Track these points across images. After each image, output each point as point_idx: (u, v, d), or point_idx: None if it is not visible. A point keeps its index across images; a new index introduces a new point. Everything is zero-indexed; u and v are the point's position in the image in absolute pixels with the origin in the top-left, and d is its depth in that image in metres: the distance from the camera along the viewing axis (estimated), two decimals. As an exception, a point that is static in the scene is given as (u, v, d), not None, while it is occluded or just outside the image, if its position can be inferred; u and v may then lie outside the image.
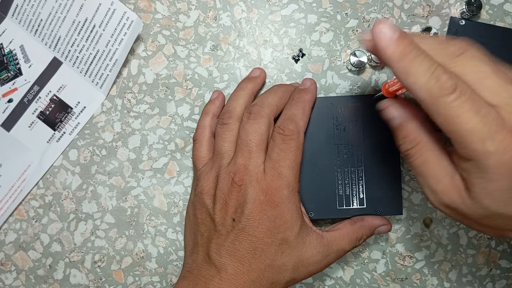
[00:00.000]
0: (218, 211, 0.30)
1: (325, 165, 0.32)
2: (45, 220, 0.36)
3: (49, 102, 0.36)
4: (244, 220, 0.29)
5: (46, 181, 0.36)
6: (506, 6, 0.35)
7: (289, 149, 0.29)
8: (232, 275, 0.28)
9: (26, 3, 0.35)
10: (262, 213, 0.29)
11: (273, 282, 0.29)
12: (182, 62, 0.36)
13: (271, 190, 0.29)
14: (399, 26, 0.35)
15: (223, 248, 0.29)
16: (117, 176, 0.36)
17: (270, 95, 0.31)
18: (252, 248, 0.29)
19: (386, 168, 0.32)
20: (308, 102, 0.31)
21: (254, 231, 0.29)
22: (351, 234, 0.31)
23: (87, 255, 0.36)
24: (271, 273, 0.29)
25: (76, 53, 0.35)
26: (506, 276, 0.36)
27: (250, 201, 0.29)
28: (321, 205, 0.32)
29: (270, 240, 0.29)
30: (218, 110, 0.34)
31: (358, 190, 0.32)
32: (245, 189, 0.29)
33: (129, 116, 0.36)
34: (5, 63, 0.36)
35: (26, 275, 0.36)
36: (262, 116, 0.30)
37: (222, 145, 0.31)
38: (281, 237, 0.29)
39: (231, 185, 0.29)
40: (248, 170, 0.29)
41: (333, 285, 0.36)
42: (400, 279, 0.36)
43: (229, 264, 0.28)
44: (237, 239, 0.29)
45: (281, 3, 0.36)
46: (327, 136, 0.33)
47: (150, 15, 0.36)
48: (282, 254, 0.29)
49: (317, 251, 0.29)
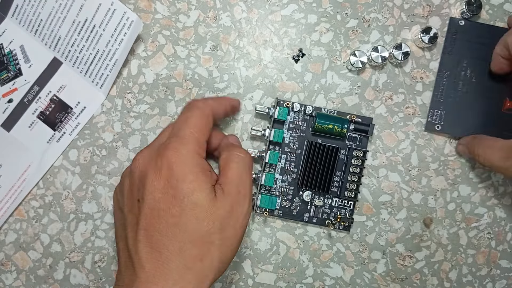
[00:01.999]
0: (125, 199, 0.28)
1: None
2: (45, 220, 0.36)
3: (49, 102, 0.36)
4: (146, 194, 0.25)
5: (46, 181, 0.36)
6: (506, 6, 0.35)
7: (190, 116, 0.28)
8: (151, 270, 0.24)
9: (26, 3, 0.35)
10: (162, 180, 0.25)
11: (203, 258, 0.25)
12: (182, 62, 0.36)
13: (167, 151, 0.26)
14: (399, 26, 0.35)
15: (137, 240, 0.25)
16: (117, 176, 0.36)
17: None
18: (164, 227, 0.25)
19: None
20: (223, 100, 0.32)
21: (159, 204, 0.25)
22: (234, 160, 0.29)
23: (87, 255, 0.36)
24: (196, 248, 0.25)
25: (76, 53, 0.35)
26: (506, 276, 0.36)
27: (149, 172, 0.26)
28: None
29: (179, 209, 0.25)
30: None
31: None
32: (142, 162, 0.27)
33: (129, 116, 0.36)
34: (5, 63, 0.36)
35: (26, 275, 0.36)
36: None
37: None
38: (189, 201, 0.25)
39: (131, 169, 0.28)
40: (149, 147, 0.28)
41: (333, 285, 0.36)
42: (400, 279, 0.36)
43: (146, 259, 0.25)
44: (146, 221, 0.25)
45: (281, 3, 0.36)
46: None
47: (150, 15, 0.36)
48: (198, 220, 0.25)
49: (236, 198, 0.27)
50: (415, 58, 0.35)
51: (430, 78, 0.35)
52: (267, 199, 0.34)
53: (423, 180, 0.36)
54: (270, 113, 0.34)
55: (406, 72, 0.36)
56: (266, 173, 0.33)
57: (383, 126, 0.36)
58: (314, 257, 0.36)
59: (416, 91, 0.36)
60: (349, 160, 0.34)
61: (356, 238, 0.36)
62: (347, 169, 0.34)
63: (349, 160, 0.34)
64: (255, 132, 0.33)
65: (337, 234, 0.36)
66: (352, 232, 0.36)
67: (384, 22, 0.36)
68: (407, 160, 0.36)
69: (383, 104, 0.36)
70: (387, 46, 0.35)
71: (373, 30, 0.36)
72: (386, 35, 0.36)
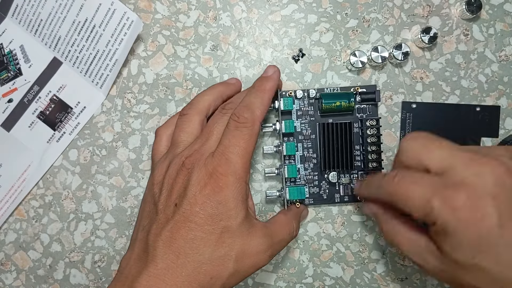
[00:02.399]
0: (163, 197, 0.28)
1: None
2: (45, 220, 0.36)
3: (49, 102, 0.36)
4: (185, 203, 0.27)
5: (46, 181, 0.36)
6: (506, 6, 0.35)
7: (241, 136, 0.28)
8: (163, 269, 0.26)
9: (26, 3, 0.35)
10: (205, 197, 0.27)
11: (213, 276, 0.26)
12: (182, 62, 0.36)
13: (216, 174, 0.27)
14: (399, 26, 0.35)
15: (159, 238, 0.26)
16: (117, 176, 0.36)
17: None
18: (191, 237, 0.26)
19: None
20: (269, 91, 0.30)
21: (194, 217, 0.26)
22: (289, 223, 0.31)
23: (87, 255, 0.36)
24: (211, 265, 0.26)
25: (76, 53, 0.35)
26: (506, 276, 0.36)
27: (193, 184, 0.27)
28: None
29: (211, 228, 0.26)
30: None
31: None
32: (191, 172, 0.27)
33: (129, 116, 0.36)
34: (5, 63, 0.36)
35: (26, 275, 0.36)
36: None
37: (178, 135, 0.31)
38: (223, 225, 0.27)
39: (180, 168, 0.28)
40: (199, 154, 0.28)
41: (333, 285, 0.36)
42: (400, 279, 0.36)
43: (161, 257, 0.26)
44: (175, 227, 0.26)
45: (281, 3, 0.36)
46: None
47: (150, 15, 0.36)
48: (223, 244, 0.27)
49: (262, 240, 0.28)
50: (415, 58, 0.35)
51: (430, 78, 0.35)
52: (295, 190, 0.33)
53: (423, 180, 0.36)
54: (275, 106, 0.33)
55: (406, 72, 0.36)
56: (287, 166, 0.33)
57: (383, 126, 0.36)
58: (314, 257, 0.36)
59: (416, 91, 0.36)
60: (364, 131, 0.34)
61: (356, 238, 0.36)
62: (365, 141, 0.34)
63: (364, 131, 0.34)
64: (266, 128, 0.33)
65: (337, 234, 0.36)
66: (352, 232, 0.36)
67: (384, 22, 0.36)
68: (407, 160, 0.36)
69: (383, 104, 0.36)
70: (387, 46, 0.35)
71: (373, 30, 0.36)
72: (386, 35, 0.36)
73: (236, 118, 0.28)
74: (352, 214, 0.36)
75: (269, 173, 0.34)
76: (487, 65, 0.35)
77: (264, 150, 0.33)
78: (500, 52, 0.35)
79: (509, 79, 0.35)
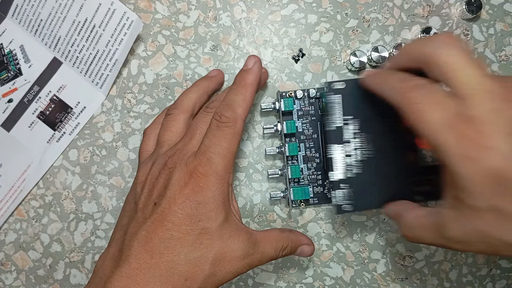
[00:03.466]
0: (143, 196, 0.28)
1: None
2: (45, 220, 0.36)
3: (49, 102, 0.36)
4: (164, 203, 0.26)
5: (46, 181, 0.36)
6: (506, 6, 0.35)
7: (222, 136, 0.27)
8: (135, 269, 0.25)
9: (26, 3, 0.35)
10: (184, 197, 0.26)
11: (188, 278, 0.26)
12: (182, 62, 0.36)
13: (197, 173, 0.26)
14: (399, 26, 0.35)
15: (135, 237, 0.26)
16: (117, 176, 0.36)
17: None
18: (167, 237, 0.26)
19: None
20: (250, 86, 0.29)
21: (173, 217, 0.26)
22: (278, 241, 0.29)
23: (87, 255, 0.36)
24: (186, 267, 0.26)
25: (76, 53, 0.35)
26: (506, 276, 0.36)
27: (174, 183, 0.27)
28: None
29: (189, 228, 0.26)
30: None
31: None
32: (173, 171, 0.27)
33: (129, 116, 0.36)
34: (5, 63, 0.36)
35: (26, 275, 0.36)
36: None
37: (162, 135, 0.31)
38: (202, 226, 0.26)
39: (162, 168, 0.28)
40: (182, 154, 0.28)
41: (333, 285, 0.36)
42: (400, 279, 0.36)
43: (135, 256, 0.25)
44: (152, 226, 0.26)
45: (281, 3, 0.36)
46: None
47: (150, 15, 0.36)
48: (201, 245, 0.26)
49: (243, 245, 0.27)
50: (415, 58, 0.35)
51: (430, 78, 0.35)
52: (299, 190, 0.33)
53: (423, 180, 0.36)
54: (276, 107, 0.34)
55: (406, 72, 0.36)
56: (290, 166, 0.33)
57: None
58: (314, 257, 0.36)
59: (416, 91, 0.35)
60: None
61: (356, 238, 0.36)
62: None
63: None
64: (268, 130, 0.33)
65: (337, 234, 0.36)
66: (352, 232, 0.36)
67: (384, 22, 0.36)
68: (407, 160, 0.36)
69: (383, 104, 0.36)
70: (387, 46, 0.35)
71: (373, 30, 0.36)
72: (386, 35, 0.36)
73: (218, 118, 0.28)
74: (352, 214, 0.36)
75: (272, 175, 0.34)
76: (487, 65, 0.35)
77: (267, 151, 0.34)
78: (500, 52, 0.35)
79: (509, 79, 0.35)
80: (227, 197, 0.28)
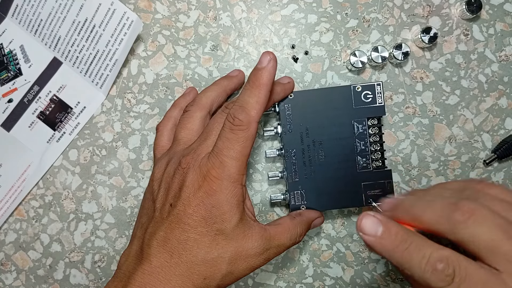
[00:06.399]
0: (160, 196, 0.28)
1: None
2: (45, 220, 0.36)
3: (49, 102, 0.36)
4: (180, 205, 0.27)
5: (46, 181, 0.36)
6: (506, 6, 0.35)
7: (235, 139, 0.27)
8: (157, 267, 0.26)
9: (26, 3, 0.35)
10: (198, 199, 0.27)
11: (207, 277, 0.27)
12: (182, 62, 0.36)
13: (210, 177, 0.27)
14: (399, 26, 0.35)
15: (154, 237, 0.27)
16: (117, 176, 0.36)
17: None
18: (184, 238, 0.26)
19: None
20: (264, 87, 0.27)
21: (188, 219, 0.27)
22: (292, 229, 0.30)
23: (87, 255, 0.36)
24: (204, 266, 0.26)
25: (76, 53, 0.35)
26: (506, 276, 0.36)
27: (188, 185, 0.27)
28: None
29: (205, 230, 0.27)
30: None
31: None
32: (187, 172, 0.27)
33: (129, 116, 0.36)
34: (5, 63, 0.36)
35: (26, 275, 0.36)
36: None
37: (179, 132, 0.31)
38: (217, 227, 0.27)
39: (177, 168, 0.28)
40: (196, 154, 0.28)
41: (333, 285, 0.36)
42: (400, 279, 0.36)
43: (155, 255, 0.26)
44: (169, 227, 0.27)
45: (281, 3, 0.36)
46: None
47: (150, 15, 0.36)
48: (217, 246, 0.27)
49: (258, 243, 0.28)
50: (415, 58, 0.35)
51: (430, 78, 0.35)
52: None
53: (423, 180, 0.36)
54: (276, 110, 0.33)
55: (406, 72, 0.36)
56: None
57: (383, 126, 0.36)
58: (314, 257, 0.36)
59: (416, 91, 0.36)
60: (366, 130, 0.33)
61: (356, 238, 0.36)
62: (367, 141, 0.33)
63: (366, 130, 0.33)
64: (268, 132, 0.33)
65: (337, 234, 0.36)
66: (352, 232, 0.36)
67: (384, 22, 0.36)
68: (407, 160, 0.36)
69: (383, 104, 0.36)
70: (387, 46, 0.35)
71: (373, 30, 0.36)
72: (386, 35, 0.36)
73: (232, 120, 0.27)
74: (352, 214, 0.36)
75: (272, 177, 0.34)
76: (487, 65, 0.35)
77: (267, 154, 0.33)
78: (500, 52, 0.35)
79: (509, 79, 0.35)
80: (241, 198, 0.28)
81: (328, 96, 0.33)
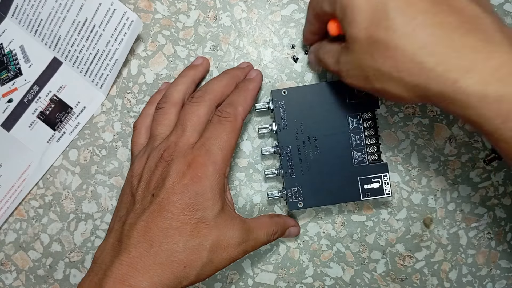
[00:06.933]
0: (140, 188, 0.29)
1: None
2: (45, 220, 0.36)
3: (49, 102, 0.36)
4: (163, 193, 0.27)
5: (46, 181, 0.36)
6: (506, 6, 0.35)
7: (222, 129, 0.29)
8: (135, 257, 0.26)
9: (26, 3, 0.35)
10: (183, 187, 0.27)
11: (187, 265, 0.27)
12: (182, 62, 0.36)
13: (196, 163, 0.28)
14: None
15: (134, 227, 0.27)
16: (117, 176, 0.36)
17: (216, 81, 0.32)
18: (166, 226, 0.27)
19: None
20: (252, 91, 0.32)
21: (171, 207, 0.27)
22: (269, 226, 0.31)
23: (87, 255, 0.36)
24: (184, 254, 0.27)
25: (76, 53, 0.35)
26: (506, 276, 0.36)
27: (172, 174, 0.27)
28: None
29: (187, 218, 0.27)
30: None
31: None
32: (171, 163, 0.28)
33: (129, 116, 0.36)
34: (5, 63, 0.36)
35: (26, 275, 0.36)
36: (204, 100, 0.30)
37: (155, 128, 0.31)
38: (199, 215, 0.27)
39: (159, 161, 0.29)
40: (178, 146, 0.29)
41: (333, 285, 0.36)
42: (400, 279, 0.36)
43: (134, 245, 0.26)
44: (151, 216, 0.27)
45: (281, 3, 0.36)
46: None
47: (150, 15, 0.36)
48: (199, 234, 0.27)
49: (238, 233, 0.29)
50: (415, 58, 0.35)
51: (430, 78, 0.35)
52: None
53: (423, 180, 0.36)
54: (270, 107, 0.33)
55: (406, 72, 0.35)
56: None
57: (383, 126, 0.36)
58: (314, 257, 0.36)
59: (416, 91, 0.35)
60: (361, 125, 0.33)
61: (356, 238, 0.36)
62: (362, 135, 0.33)
63: (361, 125, 0.33)
64: (263, 130, 0.33)
65: (337, 234, 0.36)
66: (352, 232, 0.36)
67: (384, 22, 0.35)
68: (407, 160, 0.36)
69: (383, 104, 0.36)
70: (387, 46, 0.35)
71: (373, 30, 0.35)
72: (386, 35, 0.35)
73: (219, 114, 0.29)
74: (352, 214, 0.36)
75: (269, 174, 0.34)
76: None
77: (263, 151, 0.33)
78: (500, 52, 0.35)
79: (509, 79, 0.35)
80: (223, 187, 0.29)
81: (322, 91, 0.33)
